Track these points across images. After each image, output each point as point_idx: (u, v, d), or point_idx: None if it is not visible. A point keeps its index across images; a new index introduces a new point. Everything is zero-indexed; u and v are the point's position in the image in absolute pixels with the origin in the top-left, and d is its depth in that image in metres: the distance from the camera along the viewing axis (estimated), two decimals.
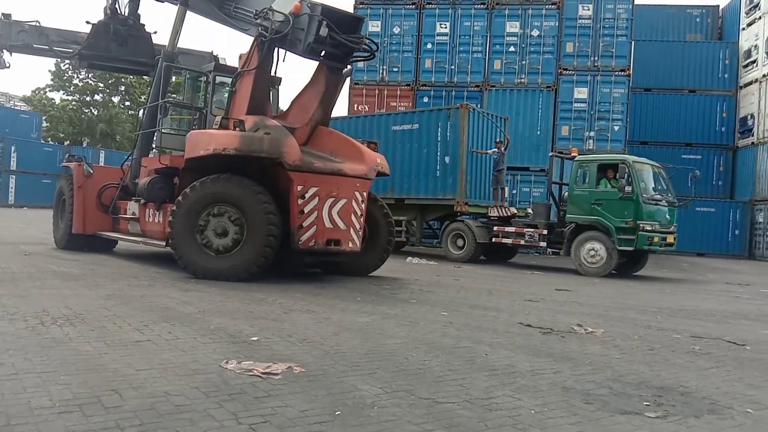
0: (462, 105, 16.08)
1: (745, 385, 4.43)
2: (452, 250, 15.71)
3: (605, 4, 19.99)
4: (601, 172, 13.52)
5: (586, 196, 13.54)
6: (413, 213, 16.73)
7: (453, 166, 15.72)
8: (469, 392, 3.85)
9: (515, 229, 14.96)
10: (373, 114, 18.47)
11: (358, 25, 9.35)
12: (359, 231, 9.26)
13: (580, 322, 6.64)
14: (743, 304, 9.67)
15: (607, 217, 13.05)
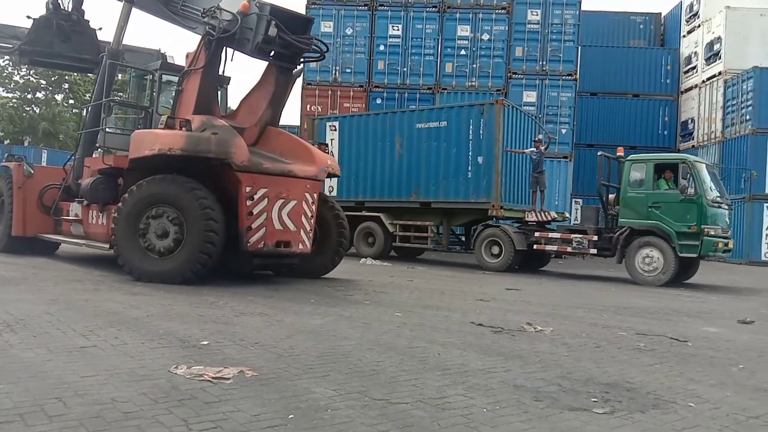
0: (497, 101, 14.97)
1: (687, 380, 4.60)
2: (486, 258, 14.38)
3: (553, 9, 20.46)
4: (657, 172, 12.56)
5: (641, 198, 12.55)
6: (439, 218, 15.69)
7: (487, 167, 14.51)
8: (423, 392, 3.87)
9: (561, 234, 13.73)
10: (395, 111, 17.55)
11: (308, 26, 9.34)
12: (310, 232, 9.20)
13: (530, 321, 6.77)
14: (684, 302, 10.05)
15: (667, 222, 12.11)
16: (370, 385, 3.95)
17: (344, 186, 16.65)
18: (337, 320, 6.31)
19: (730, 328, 7.28)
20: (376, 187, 16.29)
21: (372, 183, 16.34)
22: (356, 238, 16.06)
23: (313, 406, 3.50)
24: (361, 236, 16.20)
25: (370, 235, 16.12)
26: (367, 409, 3.50)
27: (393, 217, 15.87)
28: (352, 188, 16.64)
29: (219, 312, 6.39)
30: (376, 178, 16.25)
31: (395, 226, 15.77)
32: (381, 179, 16.17)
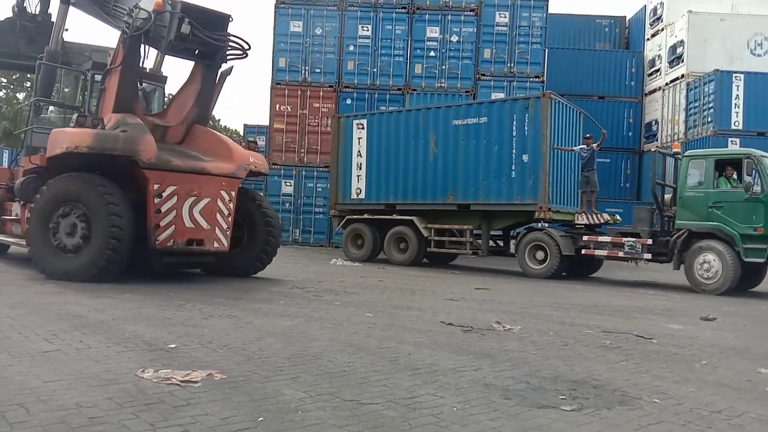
0: (544, 94, 13.92)
1: (652, 376, 4.69)
2: (530, 264, 13.38)
3: (521, 12, 20.68)
4: (717, 169, 11.46)
5: (701, 198, 11.42)
6: (478, 221, 14.52)
7: (533, 166, 13.44)
8: (393, 392, 3.88)
9: (611, 238, 12.64)
10: (429, 107, 16.24)
11: (225, 23, 9.40)
12: (227, 230, 9.17)
13: (499, 320, 6.83)
14: (649, 300, 10.25)
15: (730, 223, 10.99)
16: (341, 386, 3.95)
17: (373, 188, 15.87)
18: (307, 321, 6.28)
19: (693, 325, 7.45)
20: (408, 189, 15.27)
21: (404, 185, 15.33)
22: (387, 244, 15.33)
23: (283, 408, 3.48)
24: (392, 242, 15.26)
25: (402, 240, 15.12)
26: (338, 410, 3.49)
27: (427, 221, 14.88)
28: (382, 191, 15.72)
29: (187, 314, 6.30)
30: (409, 179, 15.24)
31: (430, 230, 14.76)
32: (414, 181, 15.15)
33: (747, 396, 4.25)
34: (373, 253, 15.61)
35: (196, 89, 9.64)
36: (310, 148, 20.79)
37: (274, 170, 20.80)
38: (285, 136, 20.86)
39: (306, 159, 20.79)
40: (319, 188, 20.62)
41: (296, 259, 15.20)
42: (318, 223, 20.61)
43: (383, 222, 15.46)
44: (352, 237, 16.01)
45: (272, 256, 10.30)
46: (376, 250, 15.62)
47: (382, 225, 15.51)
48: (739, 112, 18.93)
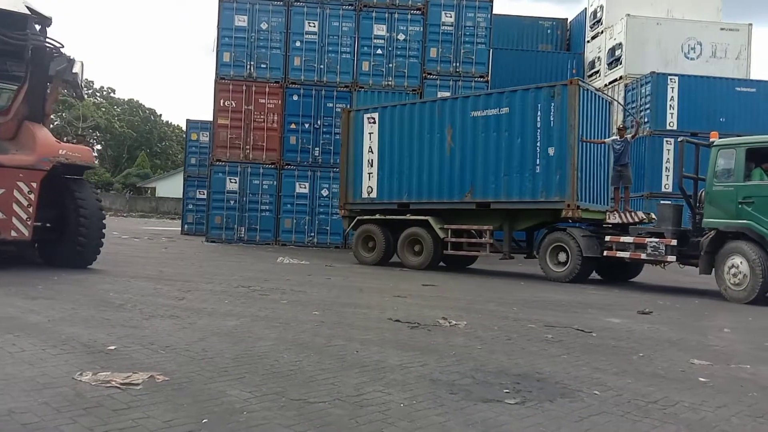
0: (572, 81, 12.55)
1: (592, 369, 4.84)
2: (552, 267, 12.42)
3: (466, 12, 20.92)
4: (752, 159, 10.03)
5: (730, 193, 10.10)
6: (499, 221, 13.34)
7: (560, 160, 12.20)
8: (341, 390, 3.87)
9: (634, 239, 11.59)
10: (445, 98, 15.32)
11: (26, 23, 9.69)
12: (27, 220, 9.43)
13: (445, 316, 6.91)
14: (589, 295, 10.56)
15: (761, 221, 9.66)
16: (288, 386, 3.91)
17: (386, 187, 14.82)
18: (252, 321, 6.19)
19: (630, 319, 7.72)
20: (423, 187, 14.15)
21: (418, 182, 14.22)
22: (400, 246, 14.33)
23: (228, 409, 3.42)
24: (405, 244, 14.25)
25: (417, 242, 14.10)
26: (285, 409, 3.46)
27: (443, 221, 13.78)
28: (395, 189, 14.64)
29: (127, 315, 6.12)
30: (423, 176, 14.13)
31: (446, 231, 13.65)
32: (429, 178, 14.03)
33: (681, 386, 4.44)
34: (386, 256, 14.66)
35: (24, 87, 9.99)
36: (255, 144, 20.48)
37: (218, 167, 20.45)
38: (229, 132, 20.47)
39: (252, 156, 20.47)
40: (265, 185, 20.35)
41: (242, 258, 14.97)
42: (264, 221, 20.35)
43: (396, 223, 14.48)
44: (363, 239, 15.00)
45: (88, 248, 10.24)
46: (388, 253, 14.66)
47: (395, 226, 14.54)
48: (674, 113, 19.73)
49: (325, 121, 20.52)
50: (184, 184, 27.38)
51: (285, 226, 20.30)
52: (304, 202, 20.31)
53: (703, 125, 18.48)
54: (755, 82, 20.68)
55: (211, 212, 20.62)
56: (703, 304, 9.78)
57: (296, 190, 20.34)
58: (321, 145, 20.49)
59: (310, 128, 20.48)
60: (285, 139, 20.50)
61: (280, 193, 20.35)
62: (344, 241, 20.15)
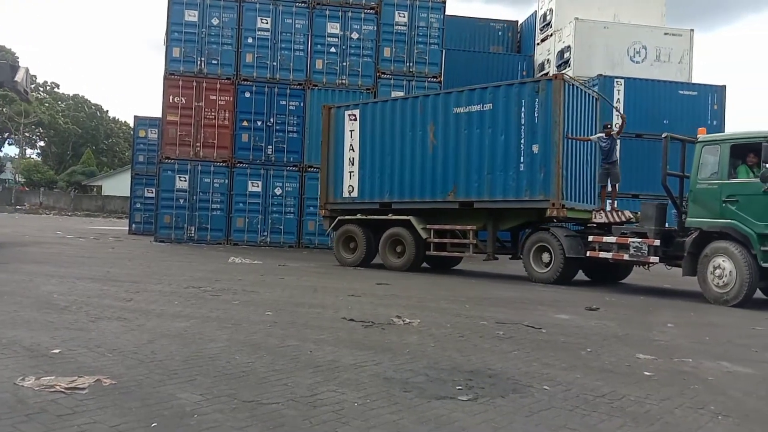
0: (557, 75, 12.45)
1: (542, 364, 4.94)
2: (535, 267, 12.11)
3: (419, 12, 21.05)
4: (736, 156, 9.71)
5: (714, 191, 9.78)
6: (483, 220, 13.03)
7: (545, 157, 11.85)
8: (294, 391, 3.84)
9: (617, 239, 11.28)
10: (427, 94, 15.05)
11: None
12: None
13: (399, 314, 6.94)
14: (539, 292, 10.78)
15: (746, 220, 9.32)
16: (240, 387, 3.86)
17: (367, 186, 14.42)
18: (203, 322, 6.09)
19: (579, 315, 7.92)
20: (405, 186, 13.78)
21: (400, 181, 13.86)
22: (382, 247, 13.96)
23: (178, 412, 3.35)
24: (387, 244, 13.88)
25: (399, 243, 13.77)
26: (237, 411, 3.41)
27: (426, 221, 13.46)
28: (376, 188, 14.27)
29: (72, 317, 5.93)
30: (405, 175, 13.77)
31: (429, 231, 13.34)
32: (411, 176, 13.67)
33: (627, 380, 4.57)
34: (368, 257, 14.31)
35: None
36: (206, 141, 20.10)
37: (167, 164, 20.00)
38: (179, 129, 20.03)
39: (202, 153, 20.08)
40: (216, 183, 20.00)
41: (192, 258, 14.69)
42: (215, 220, 20.00)
43: (378, 223, 14.16)
44: (344, 240, 14.66)
45: None
46: (370, 254, 14.32)
47: (377, 226, 14.22)
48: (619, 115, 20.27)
49: (278, 118, 20.31)
50: (131, 183, 26.70)
51: (237, 225, 20.01)
52: (257, 200, 20.05)
53: (647, 127, 19.10)
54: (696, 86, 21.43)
55: (160, 211, 20.15)
56: (647, 301, 10.11)
57: (248, 189, 20.06)
58: (274, 143, 20.28)
59: (263, 126, 20.24)
60: (237, 136, 20.20)
61: (231, 192, 20.04)
62: (298, 240, 20.02)
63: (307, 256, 17.20)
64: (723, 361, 5.39)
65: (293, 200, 20.12)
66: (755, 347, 6.23)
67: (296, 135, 20.34)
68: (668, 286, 12.40)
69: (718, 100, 20.92)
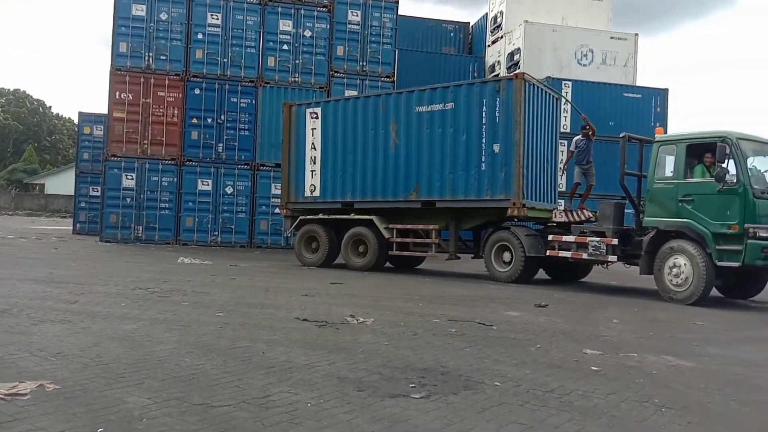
0: (517, 74, 12.38)
1: (493, 361, 5.02)
2: (497, 267, 12.14)
3: (372, 12, 21.08)
4: (693, 156, 9.90)
5: (670, 190, 9.93)
6: (445, 220, 13.04)
7: (506, 157, 11.88)
8: (246, 393, 3.79)
9: (576, 238, 11.39)
10: (389, 92, 14.88)
11: None
12: None
13: (353, 313, 6.93)
14: (490, 289, 10.94)
15: (702, 219, 9.45)
16: (190, 390, 3.79)
17: (329, 185, 14.23)
18: (151, 324, 5.94)
19: (528, 312, 8.07)
20: (367, 186, 13.68)
21: (363, 180, 13.75)
22: (344, 247, 13.83)
23: (125, 417, 3.27)
24: (350, 244, 13.75)
25: (361, 242, 13.62)
26: (187, 415, 3.35)
27: (389, 221, 13.38)
28: (338, 187, 14.11)
29: (13, 320, 5.70)
30: (368, 174, 13.66)
31: (391, 231, 13.26)
32: (373, 175, 13.59)
33: (575, 375, 4.69)
34: (330, 258, 14.15)
35: None
36: (154, 139, 19.62)
37: (113, 162, 19.45)
38: (126, 126, 19.49)
39: (150, 151, 19.60)
40: (164, 182, 19.55)
41: (139, 258, 14.33)
42: (163, 220, 19.54)
43: (340, 222, 14.01)
44: (305, 240, 14.46)
45: None
46: (332, 254, 14.18)
47: (339, 226, 14.08)
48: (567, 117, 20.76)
49: (229, 116, 19.99)
50: (76, 181, 25.89)
51: (186, 224, 19.60)
52: (207, 199, 19.69)
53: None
54: (640, 89, 22.15)
55: (106, 210, 19.58)
56: (594, 298, 10.39)
57: (198, 188, 19.68)
58: (225, 141, 19.95)
59: (213, 123, 19.89)
60: (186, 134, 19.79)
61: (180, 191, 19.61)
62: (250, 240, 19.76)
63: (260, 256, 17.00)
64: (666, 355, 5.59)
65: (245, 199, 19.84)
66: (696, 342, 6.48)
67: (248, 133, 20.08)
68: (615, 283, 12.78)
69: (660, 103, 21.69)
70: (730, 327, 7.74)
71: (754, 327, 7.98)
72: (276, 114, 19.14)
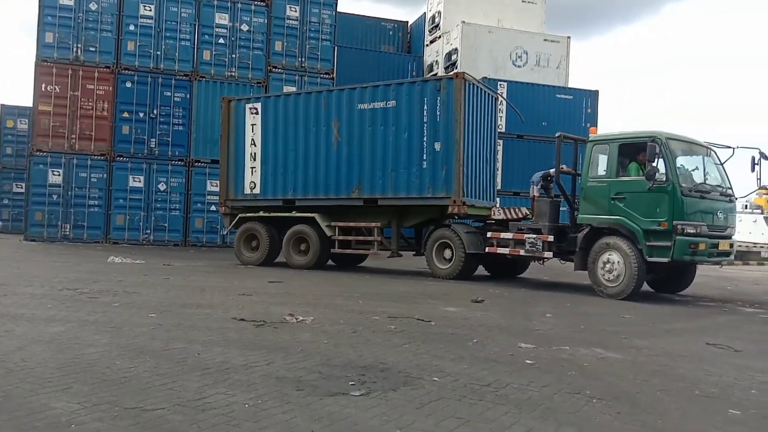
0: (457, 74, 12.41)
1: (432, 356, 5.07)
2: (438, 264, 12.29)
3: (311, 7, 20.92)
4: (625, 155, 10.20)
5: (603, 188, 10.22)
6: (387, 217, 13.02)
7: (446, 155, 12.02)
8: (181, 395, 3.70)
9: (513, 235, 11.60)
10: (331, 89, 14.79)
11: None
12: None
13: (292, 312, 6.86)
14: (428, 286, 11.05)
15: (633, 217, 9.77)
16: (121, 394, 3.66)
17: (270, 182, 13.99)
18: (80, 326, 5.71)
19: (465, 307, 8.20)
20: (309, 183, 13.55)
21: (304, 178, 13.59)
22: (285, 245, 13.64)
23: (52, 423, 3.12)
24: (291, 243, 13.55)
25: (303, 240, 13.44)
26: (118, 419, 3.23)
27: (331, 218, 13.29)
28: (279, 184, 13.89)
29: None
30: (310, 171, 13.52)
31: (334, 229, 13.20)
32: (315, 173, 13.45)
33: (510, 369, 4.80)
34: (270, 256, 13.96)
35: None
36: (83, 134, 18.84)
37: (38, 158, 18.58)
38: (52, 119, 18.64)
39: (78, 146, 18.81)
40: (93, 178, 18.81)
41: (67, 258, 13.74)
42: (93, 218, 18.79)
43: (281, 220, 13.80)
44: (245, 238, 14.19)
45: None
46: (273, 253, 13.98)
47: (280, 224, 13.86)
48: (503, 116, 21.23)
49: (162, 110, 19.41)
50: None
51: (117, 222, 18.92)
52: (139, 196, 19.06)
53: (528, 128, 20.12)
54: (572, 90, 22.87)
55: (31, 208, 18.67)
56: (528, 293, 10.66)
57: (129, 184, 19.03)
58: (158, 136, 19.36)
59: (146, 118, 19.27)
60: (117, 128, 19.09)
61: (111, 187, 18.91)
62: (184, 238, 19.28)
63: (195, 255, 16.61)
64: (597, 348, 5.79)
65: (179, 196, 19.34)
66: (625, 334, 6.75)
67: (182, 128, 19.57)
68: (547, 278, 13.16)
69: (591, 104, 22.47)
70: (657, 320, 8.10)
71: (679, 320, 8.38)
72: (212, 109, 18.77)
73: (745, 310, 9.76)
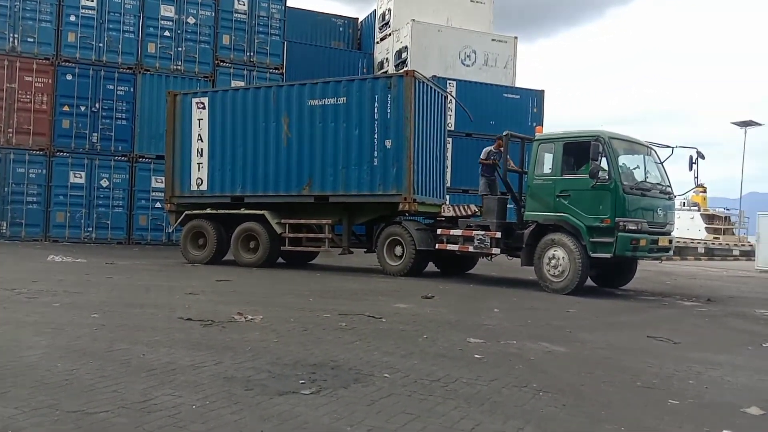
0: (407, 72, 12.40)
1: (383, 353, 5.09)
2: (389, 260, 12.33)
3: (260, 1, 20.59)
4: (570, 154, 10.52)
5: (548, 186, 10.47)
6: (338, 215, 12.97)
7: (397, 153, 12.05)
8: (125, 397, 3.60)
9: (462, 232, 11.79)
10: (281, 84, 14.59)
11: None
12: None
13: (241, 311, 6.77)
14: (378, 283, 11.08)
15: (577, 214, 10.04)
16: (63, 397, 3.53)
17: (218, 178, 13.73)
18: (18, 328, 5.49)
19: (415, 304, 8.27)
20: (258, 180, 13.34)
21: (253, 174, 13.38)
22: (234, 243, 13.41)
23: None
24: (240, 240, 13.35)
25: (252, 238, 13.27)
26: (60, 423, 3.13)
27: (281, 216, 13.12)
28: (227, 181, 13.66)
29: None
30: (259, 167, 13.32)
31: (284, 226, 13.06)
32: (265, 169, 13.26)
33: (459, 363, 4.86)
34: (218, 254, 13.72)
35: None
36: (20, 127, 18.05)
37: None
38: None
39: (15, 140, 18.02)
40: (32, 174, 18.06)
41: (3, 257, 13.18)
42: (31, 215, 18.05)
43: (229, 218, 13.53)
44: (192, 236, 13.84)
45: None
46: (221, 251, 13.75)
47: (229, 221, 13.57)
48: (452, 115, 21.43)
49: (105, 104, 18.74)
50: None
51: (57, 220, 18.21)
52: (80, 193, 18.38)
53: (476, 127, 20.38)
54: (519, 90, 23.29)
55: None
56: (477, 289, 10.82)
57: (70, 180, 18.32)
58: (100, 130, 18.70)
59: (87, 112, 18.59)
60: (57, 122, 18.35)
61: (50, 183, 18.17)
62: (128, 236, 18.74)
63: (139, 253, 16.17)
64: (543, 341, 5.93)
65: (122, 193, 18.74)
66: (569, 328, 6.93)
67: (126, 122, 18.97)
68: (495, 274, 13.38)
69: (537, 104, 22.92)
70: (599, 314, 8.35)
71: (621, 314, 8.66)
72: (157, 103, 18.28)
73: (683, 303, 10.16)
